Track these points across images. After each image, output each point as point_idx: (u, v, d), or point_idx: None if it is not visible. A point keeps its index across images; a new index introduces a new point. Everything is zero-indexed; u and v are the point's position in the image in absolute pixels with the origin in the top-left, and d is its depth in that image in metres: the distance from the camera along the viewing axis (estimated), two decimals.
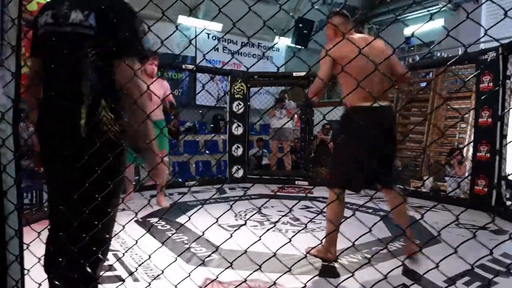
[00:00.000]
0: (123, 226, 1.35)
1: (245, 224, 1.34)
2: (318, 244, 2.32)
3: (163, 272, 1.34)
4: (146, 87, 1.20)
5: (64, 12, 1.18)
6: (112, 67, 1.18)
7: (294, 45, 9.78)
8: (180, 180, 5.50)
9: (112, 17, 1.16)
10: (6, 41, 1.13)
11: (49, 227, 1.33)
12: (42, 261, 1.30)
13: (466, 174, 4.73)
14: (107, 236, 1.33)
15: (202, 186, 5.48)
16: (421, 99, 7.27)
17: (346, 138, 2.20)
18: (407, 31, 9.21)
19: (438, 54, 7.41)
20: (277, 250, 1.15)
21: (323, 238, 2.25)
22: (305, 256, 1.71)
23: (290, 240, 1.09)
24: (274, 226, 1.26)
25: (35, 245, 1.31)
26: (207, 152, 7.61)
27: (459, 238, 2.77)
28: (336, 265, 2.32)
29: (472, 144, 4.07)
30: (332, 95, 10.71)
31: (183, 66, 6.06)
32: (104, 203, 1.20)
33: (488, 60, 3.67)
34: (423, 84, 7.57)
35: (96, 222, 1.20)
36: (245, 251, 1.19)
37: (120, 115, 1.23)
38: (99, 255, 1.25)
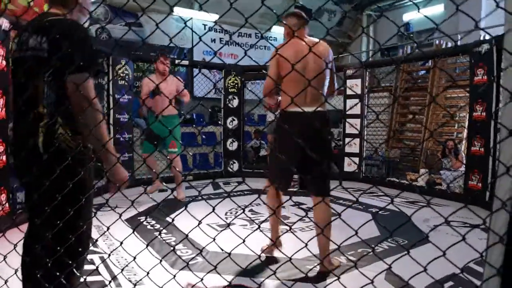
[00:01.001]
0: (108, 227, 1.37)
1: (228, 226, 1.30)
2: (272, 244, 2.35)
3: (148, 273, 1.33)
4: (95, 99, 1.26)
5: (25, 39, 1.31)
6: (65, 84, 1.23)
7: None
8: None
9: (62, 38, 1.23)
10: None
11: (24, 237, 1.40)
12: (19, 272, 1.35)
13: (463, 168, 4.68)
14: (80, 247, 1.35)
15: (198, 180, 5.48)
16: (420, 88, 7.18)
17: (274, 139, 2.32)
18: (406, 17, 9.06)
19: (437, 42, 7.26)
20: (261, 253, 1.12)
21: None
22: (259, 257, 1.68)
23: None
24: (258, 229, 1.22)
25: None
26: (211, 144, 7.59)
27: (449, 237, 2.74)
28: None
29: (467, 137, 4.01)
30: None
31: (176, 62, 5.96)
32: (73, 216, 1.26)
33: (482, 52, 3.58)
34: (422, 73, 7.47)
35: (65, 234, 1.26)
36: (229, 254, 1.20)
37: (77, 130, 1.29)
38: (73, 268, 1.29)
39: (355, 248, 2.60)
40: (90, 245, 1.54)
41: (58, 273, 1.27)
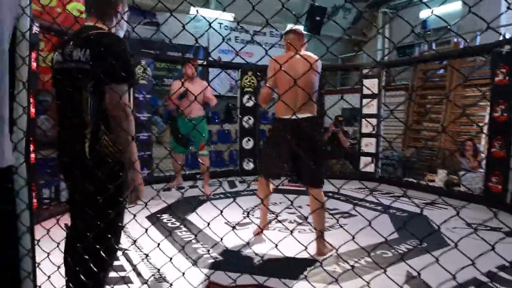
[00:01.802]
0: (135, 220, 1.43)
1: (234, 228, 1.34)
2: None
3: (183, 274, 1.37)
4: (129, 110, 1.37)
5: (69, 51, 1.41)
6: (104, 94, 1.34)
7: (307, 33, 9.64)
8: (187, 172, 5.56)
9: (103, 51, 1.33)
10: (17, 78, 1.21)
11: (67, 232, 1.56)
12: (51, 256, 1.45)
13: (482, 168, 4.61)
14: (116, 243, 1.51)
15: (214, 178, 5.52)
16: (437, 87, 7.09)
17: (268, 139, 2.77)
18: (423, 14, 8.92)
19: (455, 40, 7.14)
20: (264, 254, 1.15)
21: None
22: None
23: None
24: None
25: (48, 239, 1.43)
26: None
27: (469, 240, 2.69)
28: (339, 269, 2.33)
29: (487, 138, 3.95)
30: (346, 82, 10.57)
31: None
32: (114, 215, 1.38)
33: (504, 52, 3.52)
34: (441, 71, 7.35)
35: (106, 231, 1.39)
36: (262, 258, 1.23)
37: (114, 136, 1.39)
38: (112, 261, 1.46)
39: (374, 249, 2.60)
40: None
41: (99, 265, 1.39)
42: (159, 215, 3.48)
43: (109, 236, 1.37)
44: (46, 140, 3.46)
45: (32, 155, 2.89)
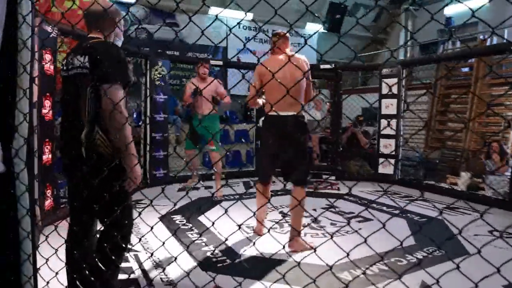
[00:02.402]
0: (151, 227, 1.46)
1: (239, 228, 1.32)
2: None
3: (188, 275, 1.36)
4: (122, 105, 1.45)
5: (71, 60, 1.56)
6: (101, 96, 1.44)
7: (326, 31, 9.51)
8: (204, 172, 5.57)
9: (99, 56, 1.46)
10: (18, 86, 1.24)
11: (68, 225, 1.65)
12: (51, 260, 1.47)
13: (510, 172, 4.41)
14: (126, 221, 1.61)
15: (230, 179, 5.52)
16: (462, 85, 6.85)
17: (261, 138, 2.87)
18: (448, 11, 8.62)
19: (481, 37, 6.86)
20: (271, 255, 1.11)
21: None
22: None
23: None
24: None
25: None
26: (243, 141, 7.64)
27: (494, 250, 2.54)
28: (349, 276, 2.27)
29: None
30: (367, 82, 10.36)
31: (211, 62, 5.97)
32: (114, 200, 1.46)
33: None
34: (465, 70, 7.10)
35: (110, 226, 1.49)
36: (267, 258, 1.20)
37: (110, 136, 1.48)
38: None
39: (388, 256, 2.52)
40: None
41: (105, 264, 1.46)
42: (172, 216, 3.50)
43: (115, 234, 1.44)
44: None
45: (49, 157, 2.96)
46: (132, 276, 2.24)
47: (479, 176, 4.72)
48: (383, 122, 5.36)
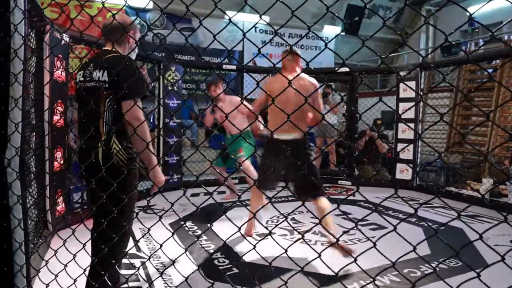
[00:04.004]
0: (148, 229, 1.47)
1: (239, 230, 1.27)
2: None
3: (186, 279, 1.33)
4: (143, 118, 1.60)
5: (89, 72, 1.67)
6: (121, 108, 1.59)
7: (344, 34, 9.39)
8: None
9: (118, 71, 1.55)
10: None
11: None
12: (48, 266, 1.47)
13: None
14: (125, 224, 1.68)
15: (242, 184, 5.48)
16: (485, 88, 6.59)
17: (263, 157, 2.86)
18: (470, 11, 8.34)
19: (505, 38, 6.60)
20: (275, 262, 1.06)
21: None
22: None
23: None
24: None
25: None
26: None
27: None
28: (358, 286, 2.18)
29: None
30: (386, 84, 10.15)
31: (224, 67, 5.97)
32: (121, 208, 1.53)
33: None
34: (489, 71, 6.83)
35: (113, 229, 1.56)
36: (270, 263, 1.15)
37: (128, 145, 1.66)
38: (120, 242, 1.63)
39: (400, 267, 2.42)
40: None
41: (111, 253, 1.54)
42: (182, 222, 3.48)
43: (115, 235, 1.51)
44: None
45: (60, 163, 3.00)
46: (136, 284, 2.22)
47: (502, 182, 4.51)
48: (401, 126, 5.22)
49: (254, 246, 1.26)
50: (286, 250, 1.16)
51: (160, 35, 8.25)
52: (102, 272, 1.46)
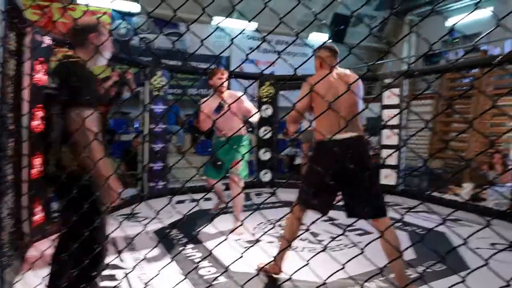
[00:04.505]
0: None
1: (226, 239, 1.25)
2: (271, 261, 1.93)
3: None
4: (92, 128, 1.45)
5: (50, 78, 1.67)
6: (67, 117, 1.47)
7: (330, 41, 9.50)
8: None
9: (67, 78, 1.50)
10: None
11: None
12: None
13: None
14: (97, 237, 1.56)
15: (229, 190, 5.42)
16: (464, 95, 6.76)
17: (313, 166, 2.27)
18: (450, 23, 8.58)
19: (484, 48, 6.80)
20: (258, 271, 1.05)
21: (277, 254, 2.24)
22: (257, 274, 1.59)
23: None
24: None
25: None
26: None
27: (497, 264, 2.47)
28: None
29: None
30: (371, 91, 10.30)
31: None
32: (85, 218, 1.44)
33: None
34: (467, 80, 7.02)
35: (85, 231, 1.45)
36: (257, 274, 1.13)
37: (77, 155, 1.49)
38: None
39: (387, 272, 2.42)
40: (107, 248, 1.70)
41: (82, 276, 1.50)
42: (168, 230, 3.43)
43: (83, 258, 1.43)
44: None
45: (39, 170, 2.91)
46: None
47: (481, 186, 4.62)
48: (385, 132, 5.31)
49: (241, 255, 1.24)
50: (275, 258, 1.16)
51: (147, 39, 8.19)
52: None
